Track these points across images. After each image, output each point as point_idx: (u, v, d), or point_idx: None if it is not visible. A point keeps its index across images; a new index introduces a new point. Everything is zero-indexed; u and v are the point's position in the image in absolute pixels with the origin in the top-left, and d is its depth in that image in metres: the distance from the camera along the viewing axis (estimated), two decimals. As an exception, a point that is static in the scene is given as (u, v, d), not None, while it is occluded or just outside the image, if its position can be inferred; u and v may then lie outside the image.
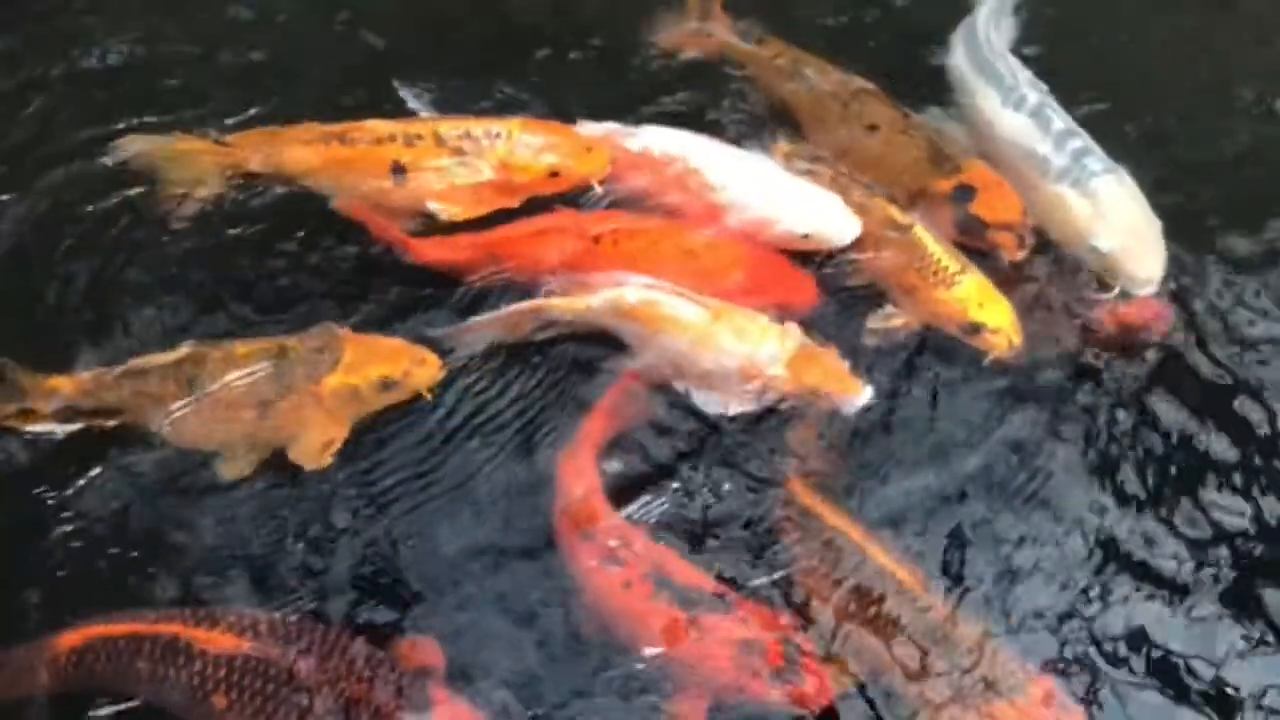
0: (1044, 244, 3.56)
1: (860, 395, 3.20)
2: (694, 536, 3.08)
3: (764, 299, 3.37)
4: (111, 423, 3.17)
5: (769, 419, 3.26)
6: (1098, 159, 3.50)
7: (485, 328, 3.35)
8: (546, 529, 3.06)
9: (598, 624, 2.91)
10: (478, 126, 3.53)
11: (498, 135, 3.51)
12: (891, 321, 3.41)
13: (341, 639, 2.78)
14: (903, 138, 3.73)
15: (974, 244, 3.53)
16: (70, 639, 2.77)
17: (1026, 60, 3.85)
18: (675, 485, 3.16)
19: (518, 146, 3.51)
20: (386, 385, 3.14)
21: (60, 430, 3.16)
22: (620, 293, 3.32)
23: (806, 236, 3.51)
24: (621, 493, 3.11)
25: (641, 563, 2.92)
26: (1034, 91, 3.68)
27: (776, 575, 3.01)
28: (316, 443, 3.13)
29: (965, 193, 3.56)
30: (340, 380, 3.12)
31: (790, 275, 3.49)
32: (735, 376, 3.24)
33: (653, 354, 3.30)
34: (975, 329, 3.33)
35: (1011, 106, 3.66)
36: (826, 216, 3.52)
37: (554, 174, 3.52)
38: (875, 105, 3.81)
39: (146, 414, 3.16)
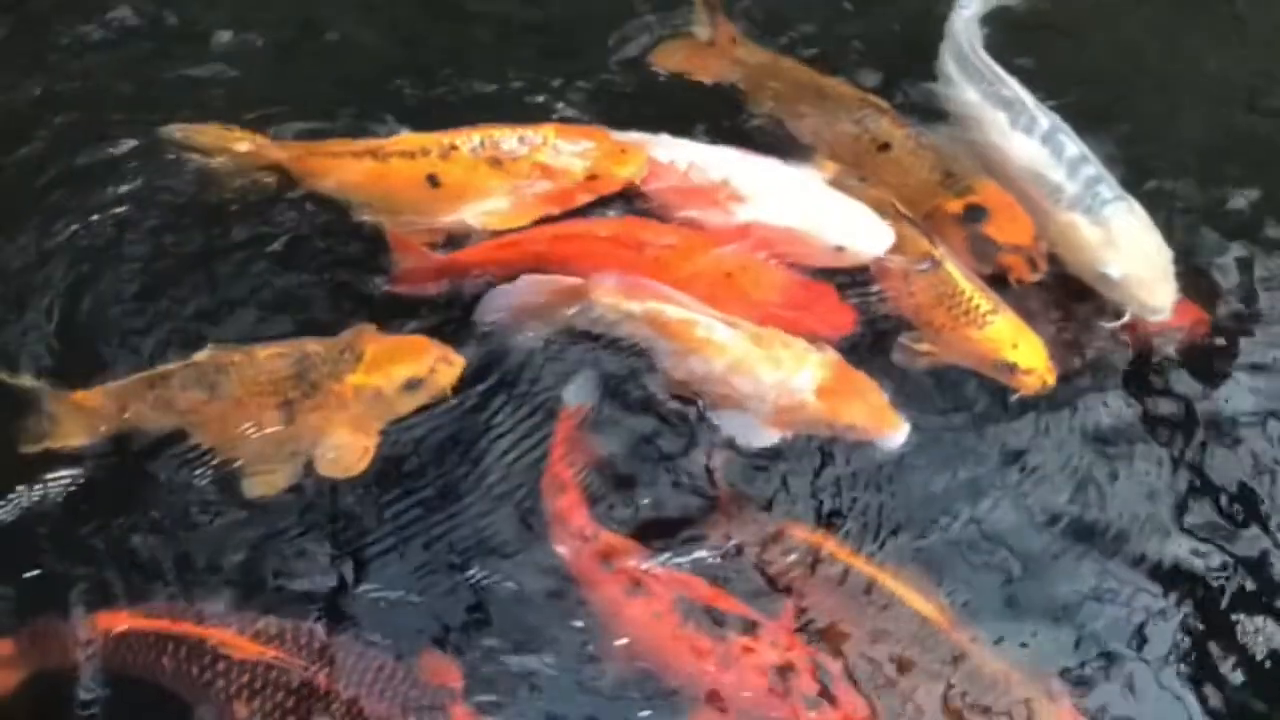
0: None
1: (899, 432, 3.14)
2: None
3: (800, 323, 3.33)
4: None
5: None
6: (1110, 187, 3.51)
7: (532, 293, 3.32)
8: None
9: (626, 651, 2.88)
10: (512, 134, 3.49)
11: (532, 141, 3.47)
12: (920, 346, 3.37)
13: (363, 654, 2.78)
14: (914, 157, 3.73)
15: (984, 266, 3.52)
16: (108, 621, 2.81)
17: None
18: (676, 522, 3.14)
19: (553, 151, 3.46)
20: (411, 385, 3.09)
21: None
22: (661, 306, 3.27)
23: (840, 249, 3.47)
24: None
25: (667, 590, 2.89)
26: (1045, 115, 3.67)
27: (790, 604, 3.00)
28: (346, 451, 3.08)
29: (977, 213, 3.57)
30: (362, 379, 3.07)
31: (827, 301, 3.44)
32: (770, 405, 3.18)
33: (686, 373, 3.26)
34: (1009, 369, 3.31)
35: (1022, 130, 3.66)
36: (859, 228, 3.48)
37: (592, 177, 3.47)
38: (888, 124, 3.81)
39: (171, 423, 3.13)
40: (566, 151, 3.47)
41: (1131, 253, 3.44)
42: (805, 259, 3.50)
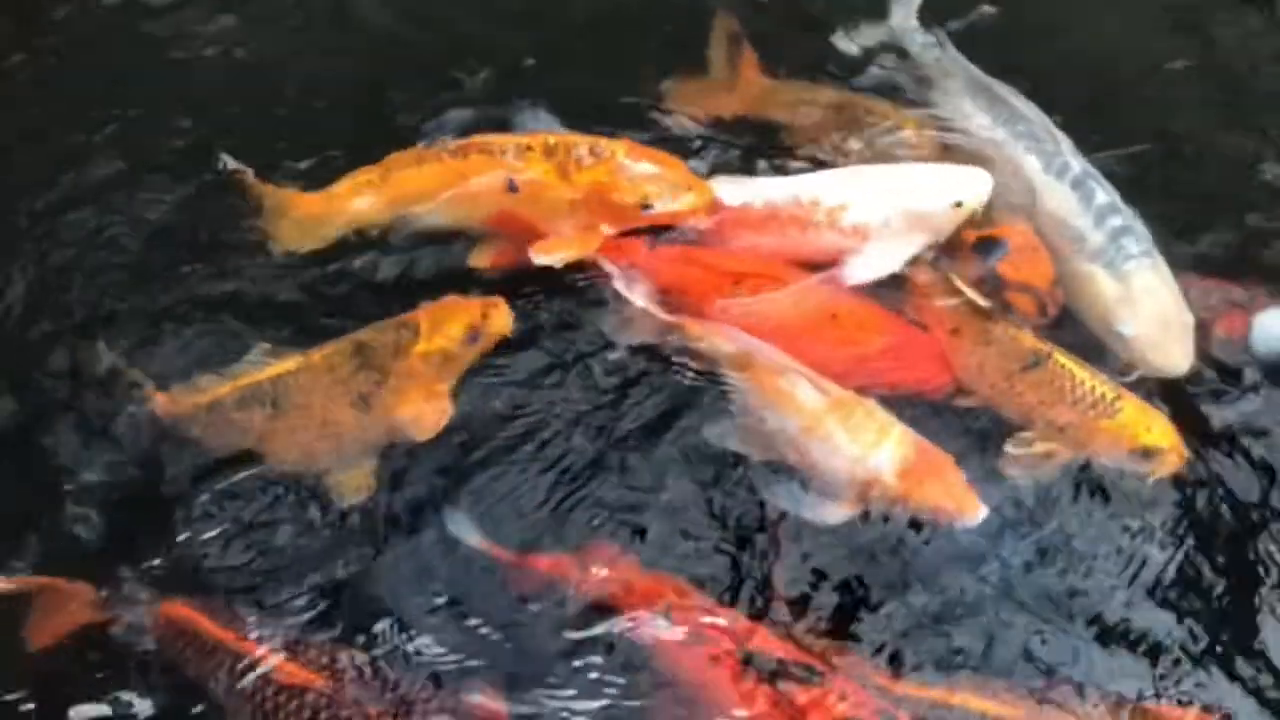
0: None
1: (976, 515, 3.04)
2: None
3: (898, 374, 3.28)
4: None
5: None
6: (1136, 241, 3.45)
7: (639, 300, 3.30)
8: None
9: (681, 700, 2.85)
10: (584, 144, 3.39)
11: (597, 155, 3.37)
12: (1035, 449, 3.23)
13: (408, 683, 2.80)
14: None
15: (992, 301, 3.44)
16: (170, 610, 2.89)
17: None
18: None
19: (616, 170, 3.35)
20: (472, 336, 3.16)
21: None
22: (750, 349, 3.22)
23: (958, 204, 3.42)
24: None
25: (725, 637, 2.84)
26: (1077, 160, 3.62)
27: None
28: (427, 413, 3.14)
29: (995, 247, 3.50)
30: (427, 345, 3.12)
31: (931, 354, 3.37)
32: (842, 476, 3.09)
33: (759, 424, 3.18)
34: (1149, 454, 3.19)
35: (1054, 174, 3.59)
36: (961, 179, 3.46)
37: (646, 206, 3.37)
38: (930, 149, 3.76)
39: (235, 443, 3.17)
40: (628, 174, 3.36)
41: (1148, 313, 3.38)
42: (936, 237, 3.46)
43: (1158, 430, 3.20)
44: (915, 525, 3.14)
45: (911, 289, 3.49)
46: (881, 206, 3.44)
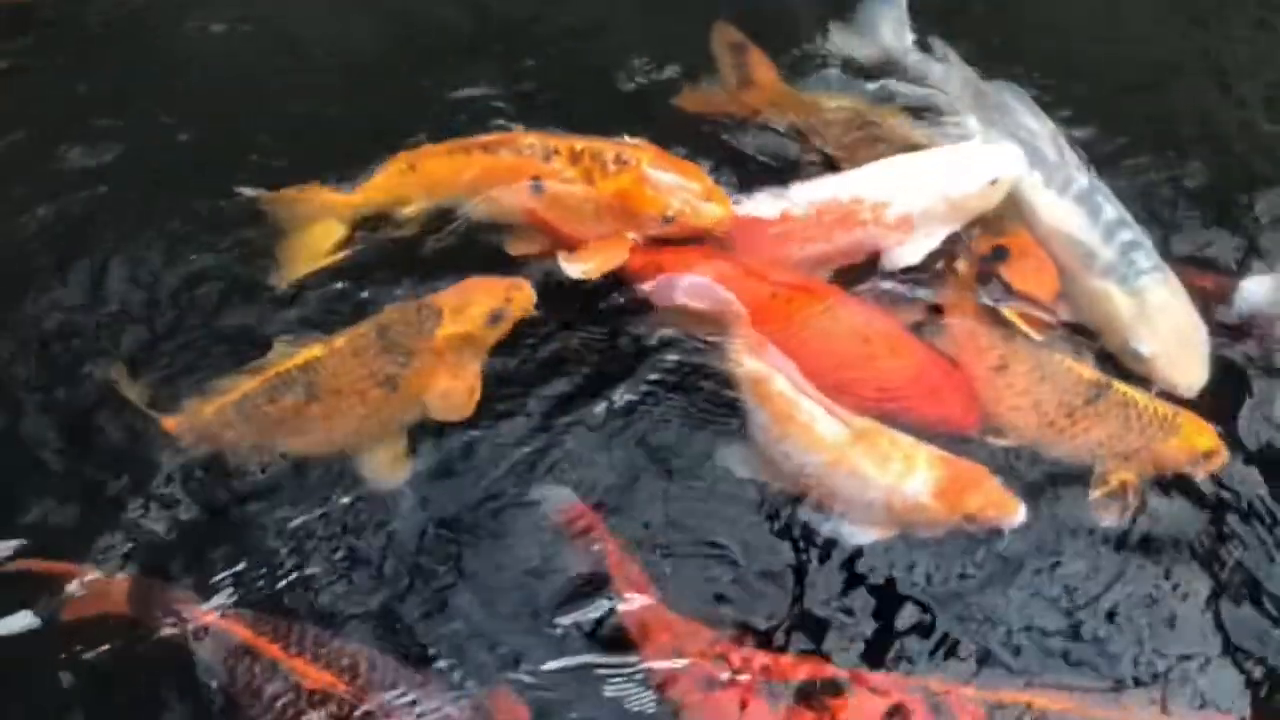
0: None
1: (1019, 514, 3.01)
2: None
3: (923, 406, 3.22)
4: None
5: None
6: (1146, 255, 3.43)
7: (695, 295, 3.27)
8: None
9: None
10: (608, 150, 3.34)
11: (622, 162, 3.32)
12: (1111, 487, 3.16)
13: (428, 688, 2.78)
14: None
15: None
16: (206, 617, 2.89)
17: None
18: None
19: (639, 179, 3.31)
20: (495, 318, 3.17)
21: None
22: (768, 371, 3.15)
23: (994, 182, 3.44)
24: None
25: (748, 670, 2.79)
26: (1082, 174, 3.58)
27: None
28: (456, 394, 3.15)
29: (999, 253, 3.50)
30: (451, 329, 3.13)
31: (961, 391, 3.29)
32: (879, 508, 3.04)
33: (783, 459, 3.10)
34: (1205, 459, 3.17)
35: (1056, 189, 3.56)
36: (989, 156, 3.50)
37: (667, 219, 3.32)
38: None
39: (268, 437, 3.13)
40: (650, 183, 3.32)
41: (1163, 329, 3.36)
42: (974, 214, 3.49)
43: (1208, 434, 3.20)
44: (936, 543, 3.13)
45: (949, 323, 3.43)
46: (922, 196, 3.44)
